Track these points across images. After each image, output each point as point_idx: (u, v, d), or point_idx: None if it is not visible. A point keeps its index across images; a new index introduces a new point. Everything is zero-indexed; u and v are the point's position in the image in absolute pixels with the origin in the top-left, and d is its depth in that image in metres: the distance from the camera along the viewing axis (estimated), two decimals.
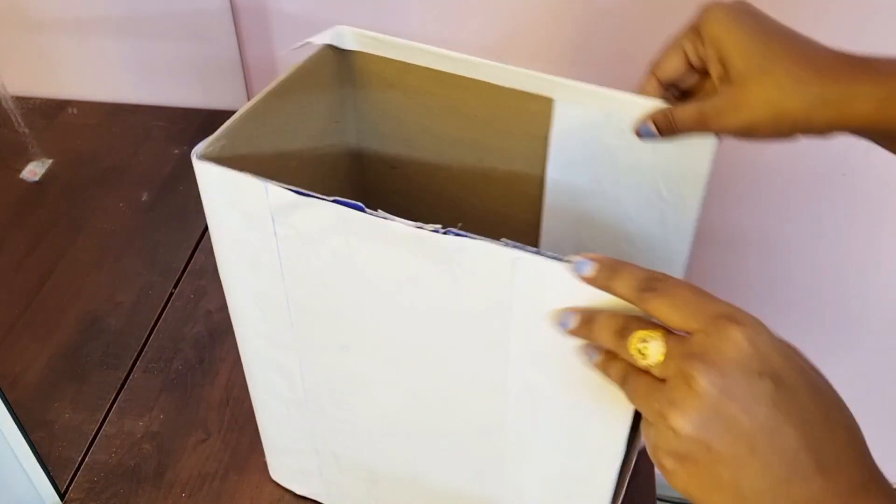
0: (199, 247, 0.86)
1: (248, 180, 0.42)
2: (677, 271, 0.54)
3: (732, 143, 0.48)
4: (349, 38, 0.54)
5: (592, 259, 0.36)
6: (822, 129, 0.44)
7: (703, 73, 0.48)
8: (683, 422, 0.33)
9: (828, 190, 0.97)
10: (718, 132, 0.47)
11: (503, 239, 0.38)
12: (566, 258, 0.37)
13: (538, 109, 0.52)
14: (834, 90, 0.42)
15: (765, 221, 1.00)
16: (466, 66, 0.52)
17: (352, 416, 0.53)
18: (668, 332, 0.35)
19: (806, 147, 0.95)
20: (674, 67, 0.48)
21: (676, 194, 0.51)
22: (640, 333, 0.35)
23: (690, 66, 0.48)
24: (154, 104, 0.89)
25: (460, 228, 0.39)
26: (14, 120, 0.64)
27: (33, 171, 0.68)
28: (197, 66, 0.96)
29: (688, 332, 0.34)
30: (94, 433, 0.69)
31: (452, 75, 0.52)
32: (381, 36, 0.54)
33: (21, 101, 0.64)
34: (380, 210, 0.40)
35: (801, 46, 0.44)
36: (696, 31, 0.46)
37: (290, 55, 0.52)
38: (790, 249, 1.02)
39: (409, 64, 0.53)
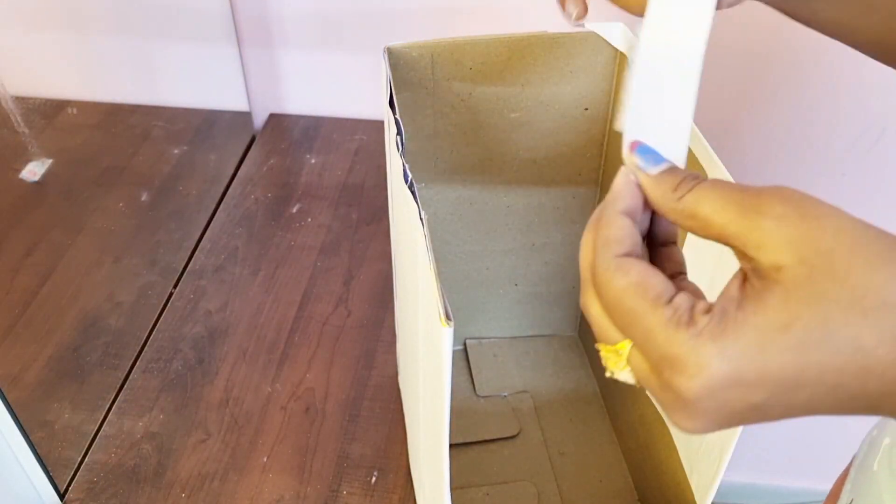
0: (199, 247, 0.86)
1: None
2: None
3: (731, 143, 0.48)
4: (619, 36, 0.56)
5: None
6: None
7: None
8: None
9: (828, 190, 0.98)
10: None
11: None
12: None
13: None
14: None
15: None
16: None
17: None
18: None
19: (806, 147, 0.95)
20: None
21: None
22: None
23: None
24: (154, 104, 0.89)
25: None
26: (13, 120, 0.64)
27: (33, 171, 0.68)
28: (197, 66, 0.96)
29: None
30: (93, 433, 0.69)
31: None
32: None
33: (21, 101, 0.64)
34: None
35: None
36: None
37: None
38: None
39: None
